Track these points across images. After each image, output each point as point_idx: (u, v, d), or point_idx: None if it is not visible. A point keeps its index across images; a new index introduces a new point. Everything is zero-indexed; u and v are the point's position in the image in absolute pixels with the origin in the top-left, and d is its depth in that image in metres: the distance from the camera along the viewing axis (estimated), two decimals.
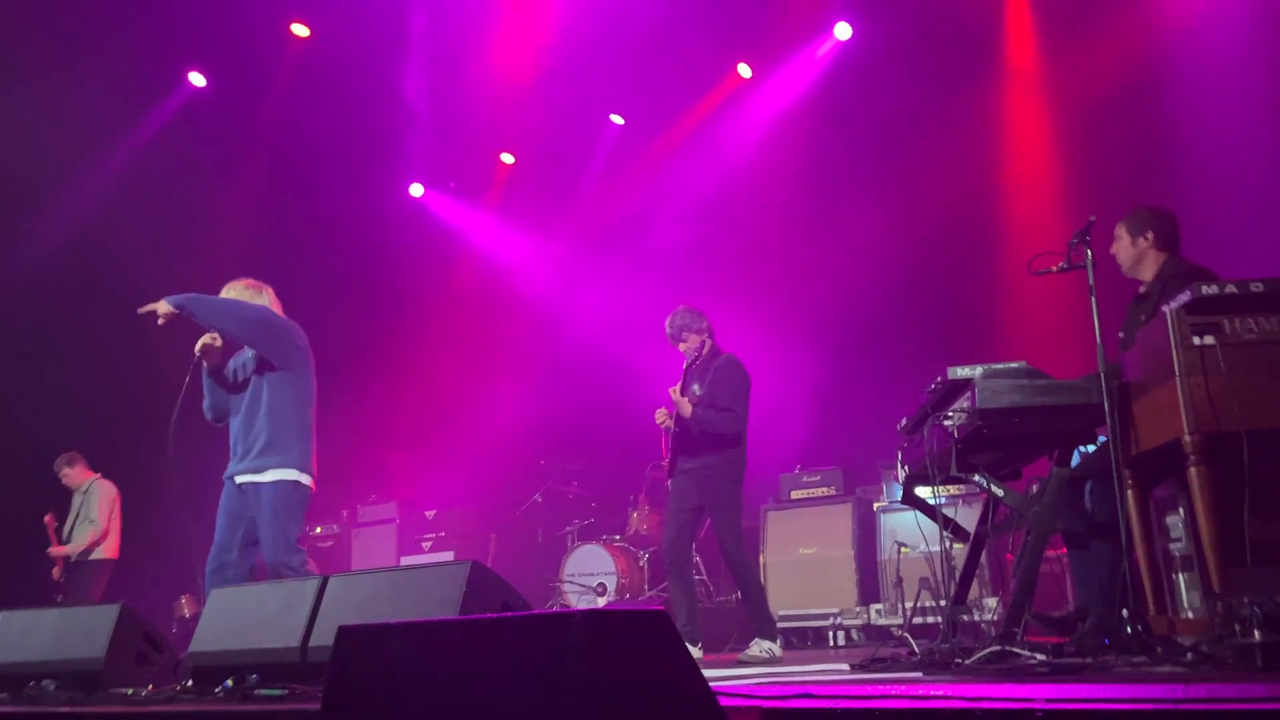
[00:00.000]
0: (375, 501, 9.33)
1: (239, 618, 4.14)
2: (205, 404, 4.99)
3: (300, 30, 8.85)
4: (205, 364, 4.92)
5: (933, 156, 8.32)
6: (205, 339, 4.82)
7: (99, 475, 7.65)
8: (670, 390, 5.71)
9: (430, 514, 9.00)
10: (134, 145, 8.83)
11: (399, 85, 9.19)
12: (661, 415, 5.78)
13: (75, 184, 8.45)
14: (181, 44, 8.60)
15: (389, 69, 9.04)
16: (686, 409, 5.59)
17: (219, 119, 9.00)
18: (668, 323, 5.87)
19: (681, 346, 5.85)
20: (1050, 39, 7.97)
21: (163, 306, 4.59)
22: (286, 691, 3.60)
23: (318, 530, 9.39)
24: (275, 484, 4.72)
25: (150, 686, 4.26)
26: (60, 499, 7.82)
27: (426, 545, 8.91)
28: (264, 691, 3.65)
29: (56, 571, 7.56)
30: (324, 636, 3.74)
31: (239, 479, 4.79)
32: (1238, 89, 6.76)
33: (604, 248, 9.78)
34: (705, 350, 5.80)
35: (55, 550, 7.53)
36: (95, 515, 7.51)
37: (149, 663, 4.62)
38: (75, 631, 4.68)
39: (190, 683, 4.18)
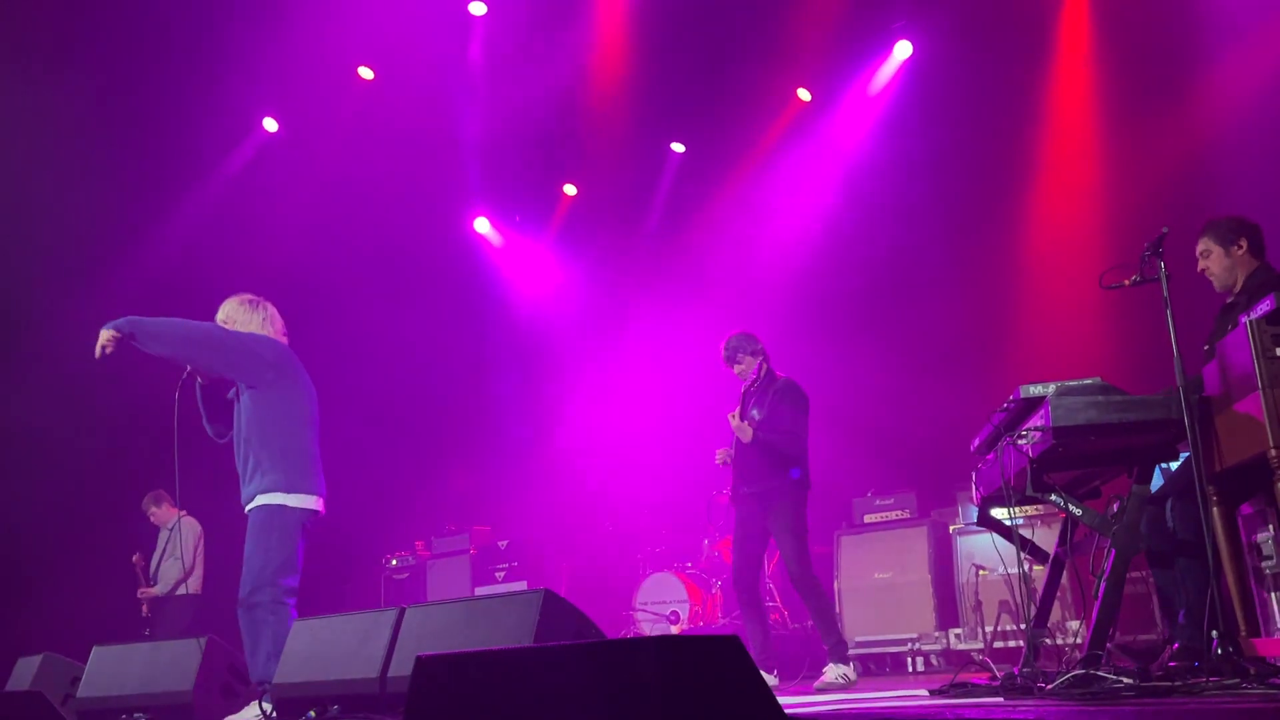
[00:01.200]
0: (449, 533, 9.43)
1: (320, 649, 4.22)
2: (205, 422, 4.80)
3: (366, 73, 9.09)
4: (198, 379, 4.71)
5: (994, 174, 8.22)
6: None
7: (184, 512, 7.87)
8: (729, 416, 5.71)
9: (503, 544, 9.07)
10: (214, 190, 9.13)
11: (461, 121, 9.38)
12: (721, 455, 5.81)
13: (161, 225, 8.73)
14: (259, 92, 8.88)
15: (451, 106, 9.23)
16: (747, 434, 5.58)
17: (290, 162, 9.27)
18: (724, 346, 5.90)
19: (736, 369, 5.86)
20: (1105, 44, 7.85)
21: (103, 335, 4.32)
22: None
23: (393, 562, 9.52)
24: (255, 509, 4.54)
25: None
26: (146, 536, 8.05)
27: (500, 575, 8.97)
28: None
29: (145, 609, 7.78)
30: (402, 667, 3.80)
31: (246, 507, 4.66)
32: None
33: (669, 274, 9.82)
34: (761, 374, 5.80)
35: (145, 592, 7.75)
36: (181, 552, 7.71)
37: (235, 694, 4.73)
38: (164, 665, 4.83)
39: (274, 713, 4.27)
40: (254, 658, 4.39)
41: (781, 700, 2.18)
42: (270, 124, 9.29)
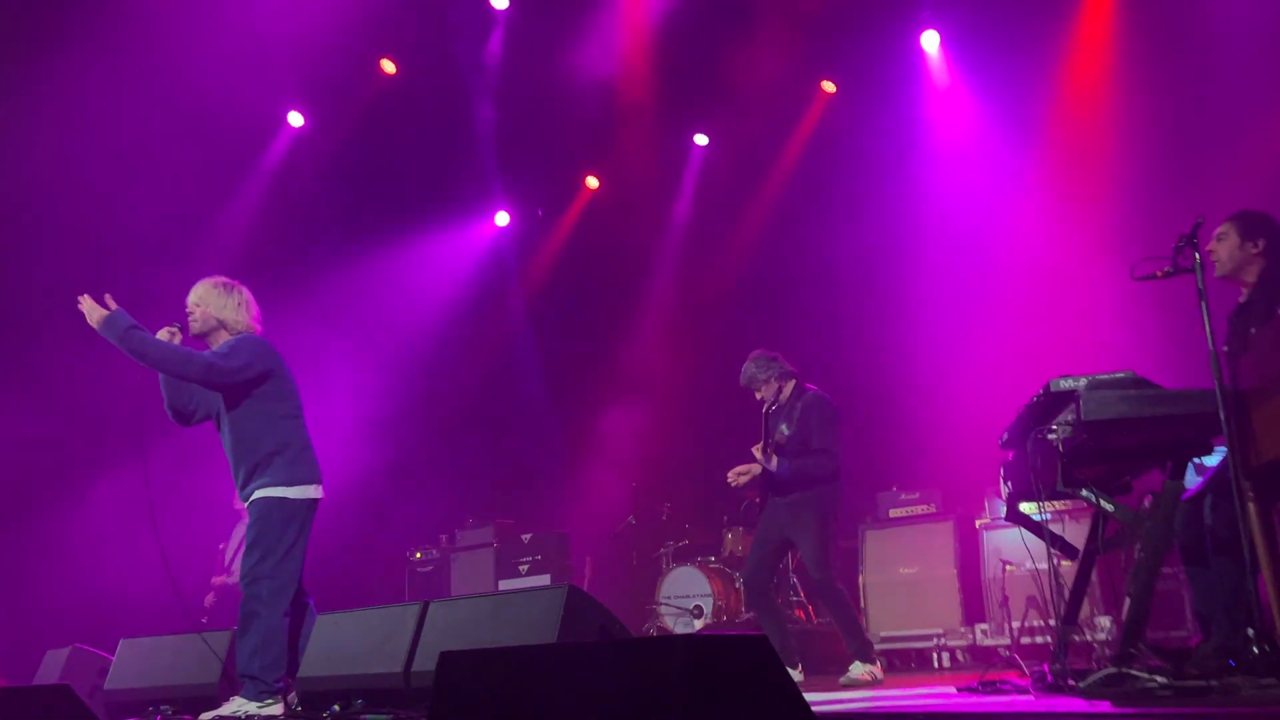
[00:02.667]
0: (473, 526, 9.44)
1: (344, 643, 4.23)
2: (165, 404, 4.73)
3: (389, 66, 9.10)
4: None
5: (1023, 163, 8.13)
6: (162, 334, 4.61)
7: None
8: (754, 450, 5.59)
9: (526, 538, 9.07)
10: (249, 186, 9.17)
11: (484, 115, 9.38)
12: (733, 476, 5.70)
13: (202, 223, 8.77)
14: (283, 85, 8.90)
15: (474, 100, 9.23)
16: (773, 465, 5.50)
17: (315, 155, 9.30)
18: (742, 373, 5.75)
19: (758, 395, 5.73)
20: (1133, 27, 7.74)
21: (93, 315, 4.38)
22: (391, 716, 3.66)
23: (417, 555, 9.55)
24: (255, 502, 4.52)
25: None
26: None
27: (523, 569, 8.98)
28: (370, 716, 3.72)
29: (210, 598, 7.73)
30: (426, 661, 3.80)
31: (246, 502, 4.64)
32: None
33: (697, 264, 9.78)
34: (787, 392, 5.67)
35: (217, 580, 7.76)
36: None
37: None
38: (190, 658, 4.85)
39: (299, 707, 4.28)
40: (240, 650, 4.37)
41: (808, 697, 2.15)
42: (296, 118, 9.31)
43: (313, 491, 4.60)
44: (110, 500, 7.80)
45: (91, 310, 4.40)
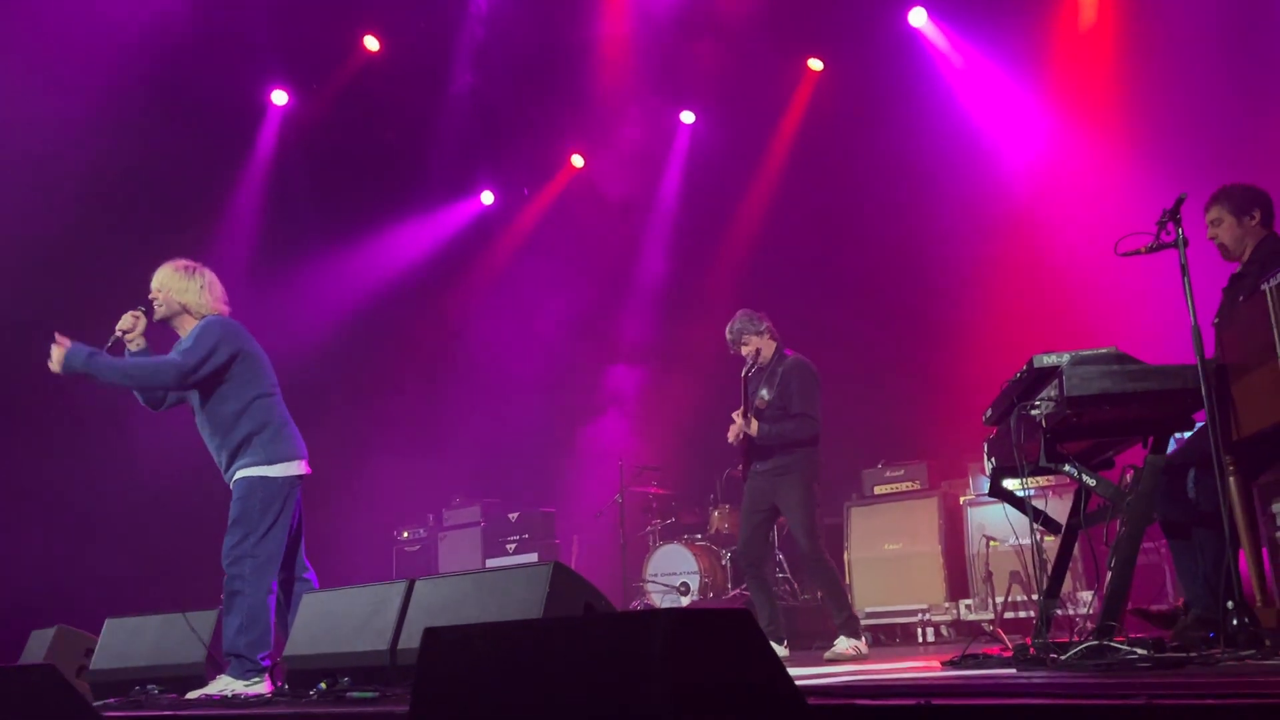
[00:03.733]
0: (460, 505, 9.45)
1: (330, 621, 4.23)
2: (135, 391, 4.70)
3: (371, 43, 9.02)
4: (127, 346, 4.63)
5: (1006, 139, 8.13)
6: (126, 319, 4.59)
7: None
8: (734, 415, 5.60)
9: (513, 516, 9.09)
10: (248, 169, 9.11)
11: (468, 93, 9.32)
12: (735, 434, 5.69)
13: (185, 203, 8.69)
14: (267, 64, 8.81)
15: (458, 77, 9.17)
16: (753, 430, 5.50)
17: (299, 134, 9.23)
18: (727, 329, 5.75)
19: (742, 351, 5.73)
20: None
21: (55, 360, 4.30)
22: (378, 694, 3.66)
23: (404, 534, 9.55)
24: (239, 481, 4.50)
25: None
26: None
27: (510, 547, 9.00)
28: (356, 694, 3.72)
29: None
30: (412, 639, 3.80)
31: (229, 481, 4.61)
32: None
33: (676, 242, 9.76)
34: (770, 354, 5.68)
35: None
36: None
37: None
38: (177, 637, 4.84)
39: (285, 686, 4.28)
40: (226, 628, 4.38)
41: (793, 672, 2.16)
42: (280, 96, 9.23)
43: (295, 469, 4.58)
44: (92, 479, 7.78)
45: (54, 358, 4.31)
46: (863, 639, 5.54)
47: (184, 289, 4.64)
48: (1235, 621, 3.15)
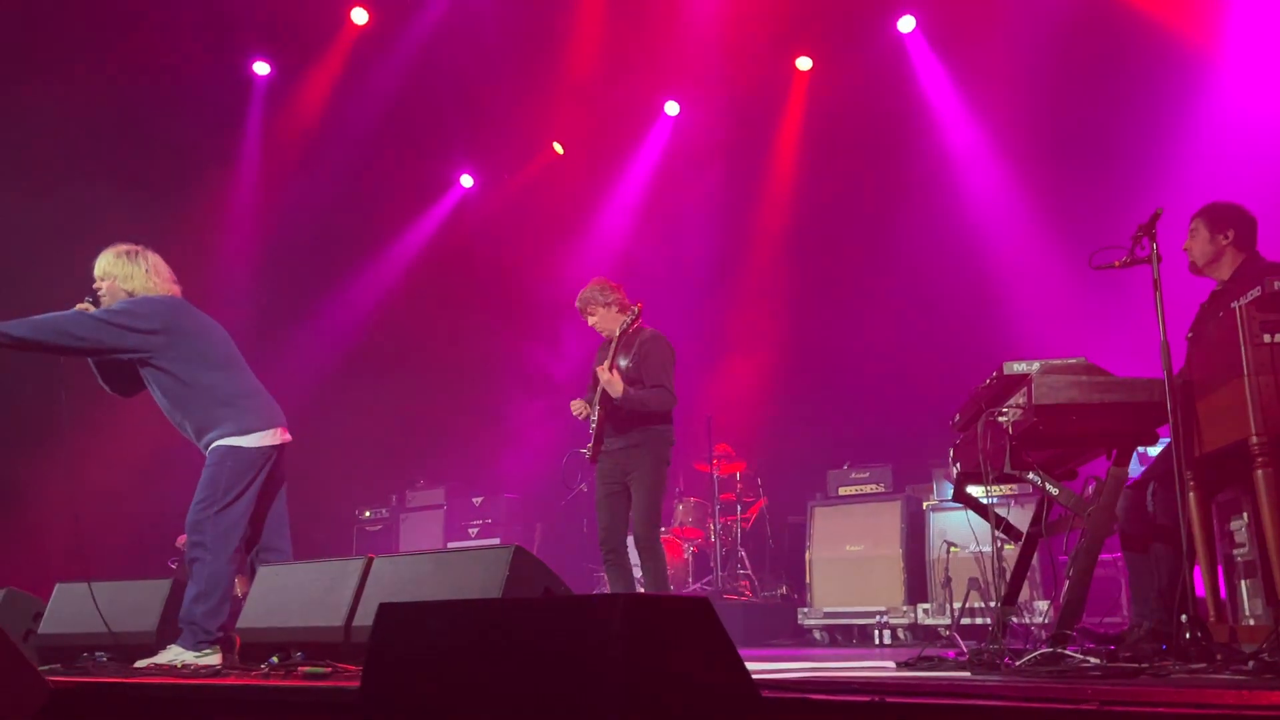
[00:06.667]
0: (423, 487, 9.39)
1: (285, 596, 4.19)
2: (101, 383, 4.60)
3: (359, 16, 8.92)
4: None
5: (983, 143, 8.17)
6: (79, 308, 4.37)
7: None
8: (598, 369, 5.18)
9: (477, 500, 9.04)
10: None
11: (451, 73, 9.23)
12: (578, 406, 5.30)
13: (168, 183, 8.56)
14: (248, 34, 8.70)
15: (443, 57, 9.08)
16: (617, 388, 5.04)
17: (280, 105, 9.13)
18: (578, 298, 5.38)
19: (590, 320, 5.37)
20: None
21: None
22: (330, 669, 3.62)
23: (366, 514, 9.48)
24: (211, 450, 4.44)
25: None
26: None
27: (473, 531, 8.96)
28: (308, 669, 3.68)
29: (183, 539, 7.51)
30: (368, 616, 3.76)
31: (205, 451, 4.53)
32: None
33: (644, 237, 9.73)
34: (622, 325, 5.25)
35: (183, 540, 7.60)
36: None
37: None
38: (129, 605, 4.78)
39: (237, 658, 4.23)
40: (186, 595, 4.31)
41: (748, 665, 2.15)
42: (261, 67, 9.12)
43: (270, 438, 4.49)
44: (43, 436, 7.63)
45: None
46: None
47: (129, 274, 4.50)
48: (1188, 635, 3.18)
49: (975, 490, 4.61)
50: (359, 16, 8.92)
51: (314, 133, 9.22)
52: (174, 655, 4.21)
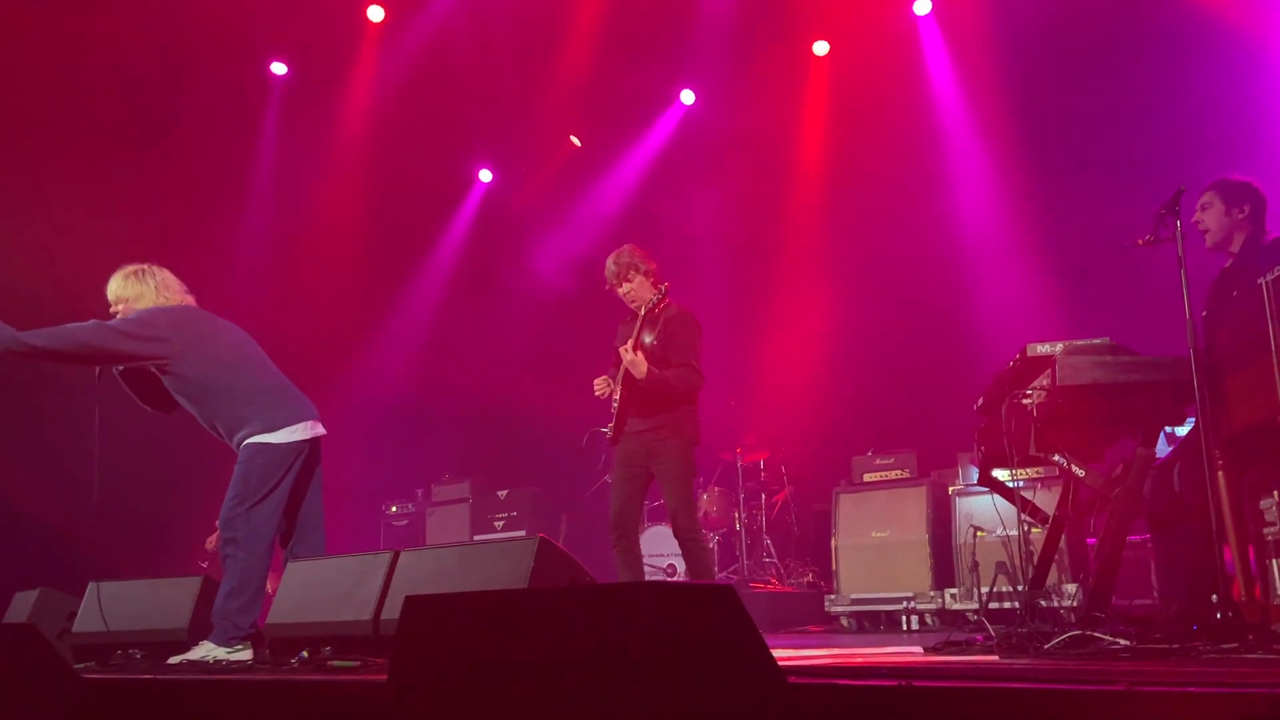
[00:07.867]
0: (449, 481, 9.44)
1: (314, 591, 4.22)
2: (139, 403, 4.66)
3: (375, 14, 8.93)
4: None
5: (1002, 128, 8.09)
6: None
7: None
8: (621, 350, 4.94)
9: (502, 494, 9.07)
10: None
11: (470, 70, 9.23)
12: (600, 384, 5.08)
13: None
14: (264, 35, 8.74)
15: (458, 52, 9.08)
16: (641, 368, 4.81)
17: (297, 106, 9.17)
18: (609, 260, 5.13)
19: (623, 289, 5.10)
20: None
21: None
22: (359, 663, 3.65)
23: (393, 509, 9.54)
24: (243, 447, 4.48)
25: None
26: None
27: (499, 525, 8.99)
28: (337, 663, 3.71)
29: (212, 540, 7.59)
30: (395, 610, 3.75)
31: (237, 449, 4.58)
32: None
33: (665, 221, 9.70)
34: (650, 301, 5.00)
35: (212, 541, 7.68)
36: None
37: None
38: (160, 602, 4.84)
39: (268, 653, 4.28)
40: (220, 591, 4.37)
41: (774, 652, 2.15)
42: (279, 67, 9.15)
43: (300, 433, 4.51)
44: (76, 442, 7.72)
45: None
46: None
47: (140, 294, 4.55)
48: (1219, 615, 3.16)
49: (1001, 474, 4.59)
50: (375, 14, 8.93)
51: (331, 132, 9.25)
52: (206, 651, 4.26)
